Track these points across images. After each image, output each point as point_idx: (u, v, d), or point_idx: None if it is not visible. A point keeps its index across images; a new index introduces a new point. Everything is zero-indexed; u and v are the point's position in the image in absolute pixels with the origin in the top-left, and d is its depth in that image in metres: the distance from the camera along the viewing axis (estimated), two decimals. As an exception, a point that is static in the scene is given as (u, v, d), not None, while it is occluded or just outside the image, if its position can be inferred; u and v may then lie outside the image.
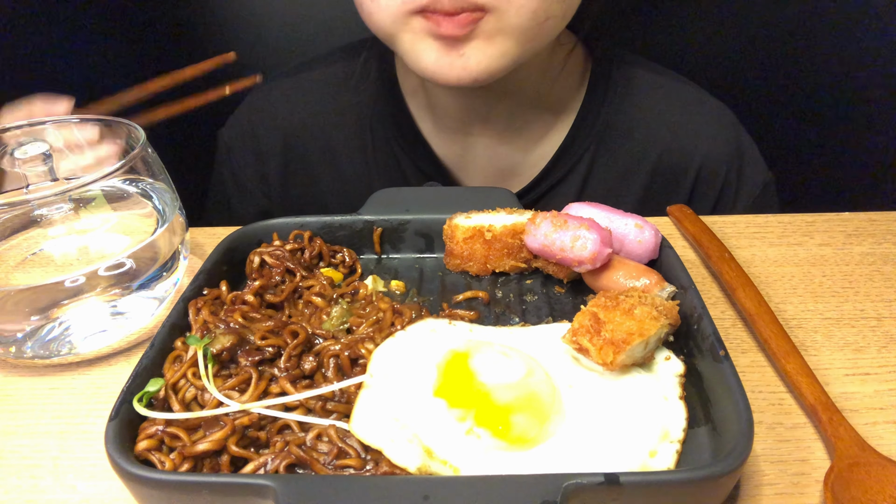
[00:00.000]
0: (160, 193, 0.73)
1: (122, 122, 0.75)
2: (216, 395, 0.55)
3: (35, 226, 0.68)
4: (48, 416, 0.61)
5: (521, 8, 0.81)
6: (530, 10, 0.81)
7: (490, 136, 1.09)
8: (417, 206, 0.80)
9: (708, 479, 0.45)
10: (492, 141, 1.09)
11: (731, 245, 0.83)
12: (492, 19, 0.82)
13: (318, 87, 1.15)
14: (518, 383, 0.55)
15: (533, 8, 0.81)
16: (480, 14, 0.81)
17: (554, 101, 1.08)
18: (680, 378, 0.59)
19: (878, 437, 0.57)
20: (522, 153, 1.10)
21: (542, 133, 1.10)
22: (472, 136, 1.09)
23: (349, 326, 0.65)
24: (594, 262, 0.67)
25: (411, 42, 0.86)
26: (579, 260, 0.67)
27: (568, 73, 1.07)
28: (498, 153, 1.10)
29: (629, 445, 0.52)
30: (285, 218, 0.78)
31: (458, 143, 1.10)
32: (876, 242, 0.84)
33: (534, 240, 0.70)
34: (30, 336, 0.65)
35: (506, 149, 1.10)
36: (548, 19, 0.84)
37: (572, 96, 1.09)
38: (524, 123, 1.08)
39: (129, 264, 0.66)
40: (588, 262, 0.67)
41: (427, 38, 0.84)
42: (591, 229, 0.67)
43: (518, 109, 1.07)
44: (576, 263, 0.68)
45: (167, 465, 0.50)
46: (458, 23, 0.81)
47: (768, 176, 1.10)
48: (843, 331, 0.70)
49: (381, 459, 0.51)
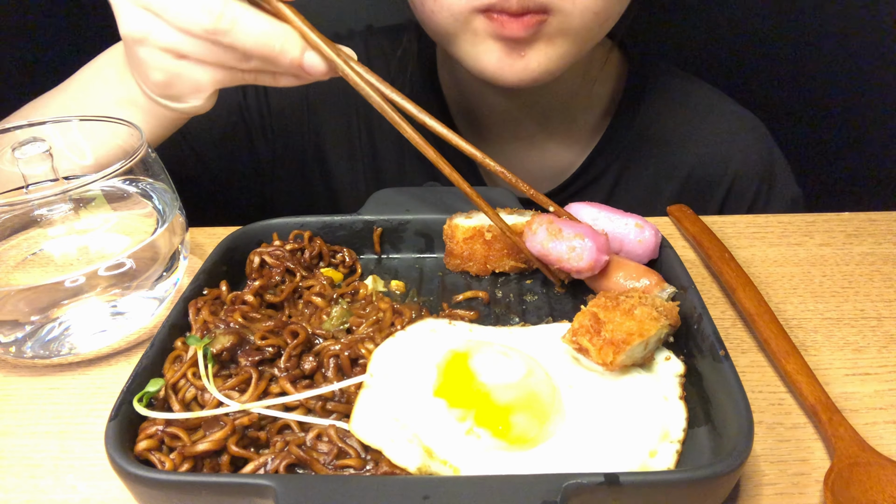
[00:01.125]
0: (160, 193, 0.73)
1: (122, 122, 0.75)
2: (216, 395, 0.55)
3: (35, 226, 0.68)
4: (48, 416, 0.61)
5: (586, 10, 0.80)
6: (594, 11, 0.81)
7: (521, 139, 1.08)
8: (417, 206, 0.80)
9: (708, 479, 0.45)
10: (522, 144, 1.08)
11: (731, 245, 0.83)
12: (555, 21, 0.81)
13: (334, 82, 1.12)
14: (518, 383, 0.55)
15: (596, 9, 0.81)
16: (544, 16, 0.80)
17: (587, 108, 1.08)
18: (680, 378, 0.59)
19: (878, 437, 0.57)
20: (553, 156, 1.10)
21: (573, 139, 1.09)
22: (503, 136, 1.08)
23: (349, 326, 0.65)
24: (592, 271, 0.67)
25: (472, 43, 0.85)
26: (577, 269, 0.67)
27: (604, 78, 1.07)
28: (529, 156, 1.09)
29: (629, 445, 0.52)
30: (285, 218, 0.78)
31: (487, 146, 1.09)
32: (876, 242, 0.84)
33: (532, 245, 0.70)
34: (30, 336, 0.65)
35: (536, 151, 1.09)
36: (608, 19, 0.84)
37: (607, 102, 1.08)
38: (556, 128, 1.08)
39: (129, 264, 0.66)
40: (586, 271, 0.67)
41: (489, 39, 0.83)
42: (587, 237, 0.66)
43: (551, 114, 1.06)
44: (574, 272, 0.68)
45: (167, 465, 0.50)
46: (523, 24, 0.79)
47: (797, 192, 1.10)
48: (843, 331, 0.70)
49: (381, 459, 0.51)
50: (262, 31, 0.64)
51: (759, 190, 1.07)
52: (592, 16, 0.81)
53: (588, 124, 1.09)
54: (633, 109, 1.07)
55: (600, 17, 0.82)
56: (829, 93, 1.51)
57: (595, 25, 0.83)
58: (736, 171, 1.06)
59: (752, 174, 1.06)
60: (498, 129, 1.08)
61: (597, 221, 0.73)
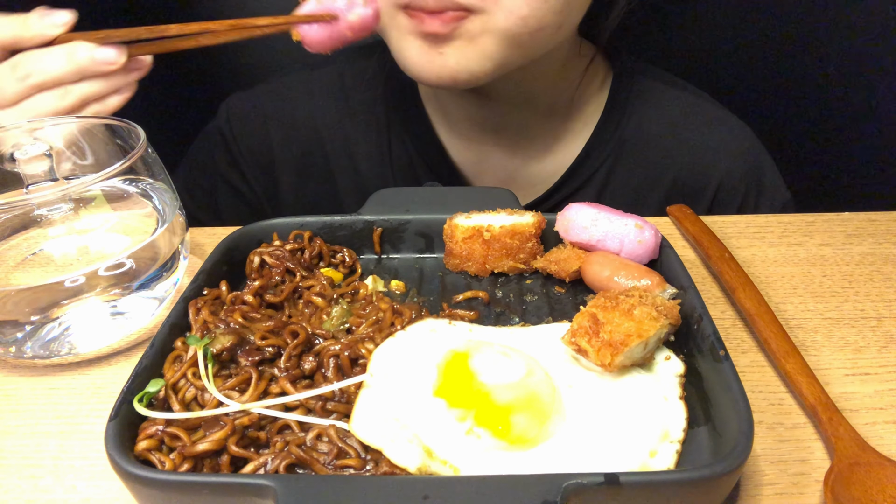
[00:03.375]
0: (160, 193, 0.73)
1: (122, 122, 0.75)
2: (216, 395, 0.55)
3: (35, 226, 0.68)
4: (48, 416, 0.61)
5: (511, 13, 0.80)
6: (520, 15, 0.80)
7: (503, 146, 1.08)
8: (417, 206, 0.80)
9: (708, 479, 0.45)
10: (505, 150, 1.08)
11: (731, 245, 0.83)
12: (477, 20, 0.81)
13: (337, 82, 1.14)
14: (518, 383, 0.55)
15: (523, 14, 0.80)
16: (464, 13, 0.80)
17: (571, 113, 1.07)
18: (680, 378, 0.59)
19: (878, 437, 0.57)
20: (537, 164, 1.09)
21: (558, 145, 1.08)
22: (485, 145, 1.08)
23: (349, 326, 0.65)
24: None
25: (397, 38, 0.86)
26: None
27: (587, 84, 1.06)
28: (512, 163, 1.09)
29: (629, 445, 0.52)
30: (285, 218, 0.78)
31: (472, 151, 1.09)
32: (876, 242, 0.84)
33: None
34: (30, 336, 0.65)
35: (519, 159, 1.09)
36: (541, 29, 0.83)
37: (591, 108, 1.08)
38: (538, 134, 1.07)
39: (129, 264, 0.66)
40: None
41: (410, 35, 0.84)
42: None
43: (532, 119, 1.06)
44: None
45: (167, 465, 0.50)
46: (440, 21, 0.80)
47: (787, 197, 1.09)
48: (843, 331, 0.70)
49: (381, 459, 0.51)
50: None
51: (746, 195, 1.07)
52: (519, 20, 0.80)
53: (572, 131, 1.08)
54: (618, 116, 1.06)
55: (529, 23, 0.81)
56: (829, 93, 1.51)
57: (524, 31, 0.82)
58: (721, 178, 1.06)
59: (737, 181, 1.06)
60: (479, 136, 1.08)
61: (597, 222, 0.73)
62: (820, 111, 1.54)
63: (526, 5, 0.79)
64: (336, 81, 1.14)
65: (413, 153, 1.10)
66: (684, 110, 1.08)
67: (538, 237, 0.76)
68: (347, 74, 1.14)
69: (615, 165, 1.07)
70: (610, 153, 1.07)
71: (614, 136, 1.06)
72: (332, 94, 1.13)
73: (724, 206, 1.07)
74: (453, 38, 0.82)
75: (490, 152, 1.09)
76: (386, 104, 1.11)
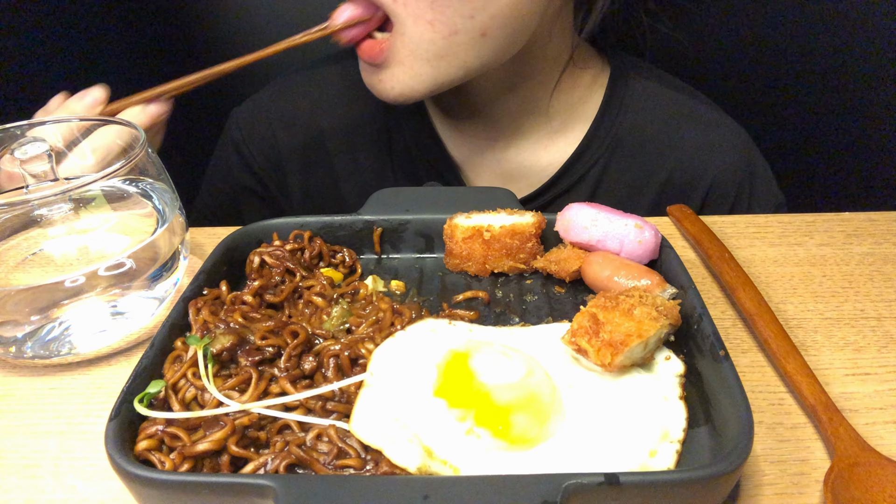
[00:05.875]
0: (160, 193, 0.73)
1: (122, 122, 0.75)
2: (216, 395, 0.55)
3: (35, 226, 0.68)
4: (48, 416, 0.61)
5: (418, 17, 0.82)
6: (427, 20, 0.82)
7: (497, 139, 1.09)
8: (417, 206, 0.80)
9: (708, 479, 0.45)
10: (499, 144, 1.09)
11: (731, 245, 0.83)
12: (398, 43, 0.85)
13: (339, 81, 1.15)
14: (518, 383, 0.55)
15: (429, 18, 0.82)
16: (385, 41, 0.85)
17: (566, 110, 1.08)
18: (680, 378, 0.59)
19: (878, 437, 0.57)
20: (532, 158, 1.10)
21: (553, 140, 1.09)
22: (479, 138, 1.10)
23: (349, 326, 0.65)
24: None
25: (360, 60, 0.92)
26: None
27: (582, 82, 1.07)
28: (506, 156, 1.10)
29: (629, 445, 0.52)
30: (285, 218, 0.78)
31: (467, 144, 1.11)
32: (876, 242, 0.84)
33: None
34: (30, 336, 0.65)
35: (513, 153, 1.10)
36: (454, 34, 0.84)
37: (586, 106, 1.09)
38: (532, 129, 1.08)
39: (129, 264, 0.66)
40: None
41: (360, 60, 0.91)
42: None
43: (524, 115, 1.07)
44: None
45: (167, 465, 0.50)
46: (366, 50, 0.87)
47: (780, 199, 1.10)
48: (843, 331, 0.70)
49: (381, 459, 0.51)
50: None
51: (738, 197, 1.07)
52: (426, 24, 0.82)
53: (568, 127, 1.09)
54: (614, 114, 1.07)
55: (439, 28, 0.83)
56: (829, 92, 1.51)
57: (438, 38, 0.84)
58: (713, 178, 1.07)
59: (728, 182, 1.07)
60: (473, 130, 1.10)
61: (597, 222, 0.73)
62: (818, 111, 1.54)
63: (430, 10, 0.82)
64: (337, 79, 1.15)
65: (412, 146, 1.12)
66: (679, 111, 1.09)
67: (538, 237, 0.76)
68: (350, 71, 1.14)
69: (609, 162, 1.08)
70: (605, 150, 1.07)
71: (610, 134, 1.07)
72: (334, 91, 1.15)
73: (715, 207, 1.08)
74: (386, 65, 0.88)
75: (483, 145, 1.10)
76: None
